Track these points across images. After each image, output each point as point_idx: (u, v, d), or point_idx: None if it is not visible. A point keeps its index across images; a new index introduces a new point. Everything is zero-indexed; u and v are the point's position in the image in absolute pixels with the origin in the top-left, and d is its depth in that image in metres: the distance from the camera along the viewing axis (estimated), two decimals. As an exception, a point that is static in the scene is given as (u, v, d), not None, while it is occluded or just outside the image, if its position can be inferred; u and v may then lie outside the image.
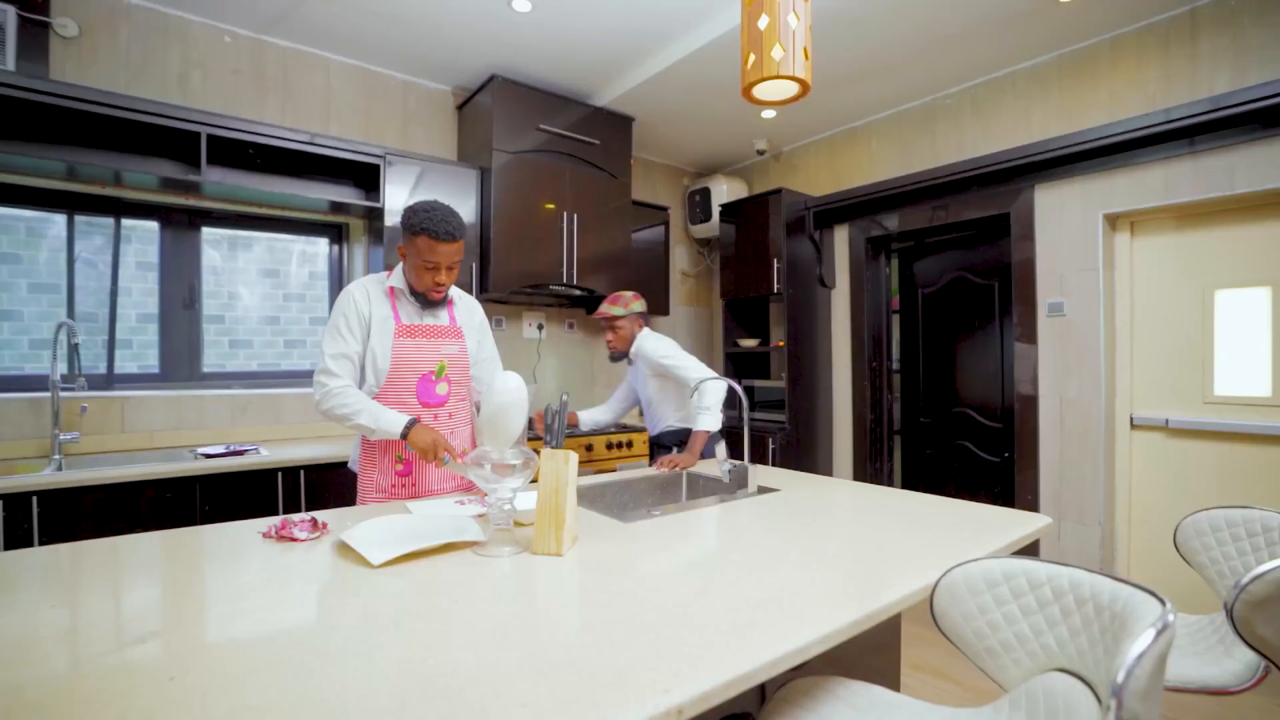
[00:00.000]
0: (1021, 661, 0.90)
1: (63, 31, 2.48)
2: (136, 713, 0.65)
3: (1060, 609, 0.87)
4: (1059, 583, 0.88)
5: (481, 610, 0.93)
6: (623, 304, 2.47)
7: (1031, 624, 0.89)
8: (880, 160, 3.68)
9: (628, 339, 2.49)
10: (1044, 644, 0.88)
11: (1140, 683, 0.61)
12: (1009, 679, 0.92)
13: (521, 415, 1.18)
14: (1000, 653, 0.92)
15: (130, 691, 0.69)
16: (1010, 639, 0.91)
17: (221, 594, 1.00)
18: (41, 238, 2.59)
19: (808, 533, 1.33)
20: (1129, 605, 0.74)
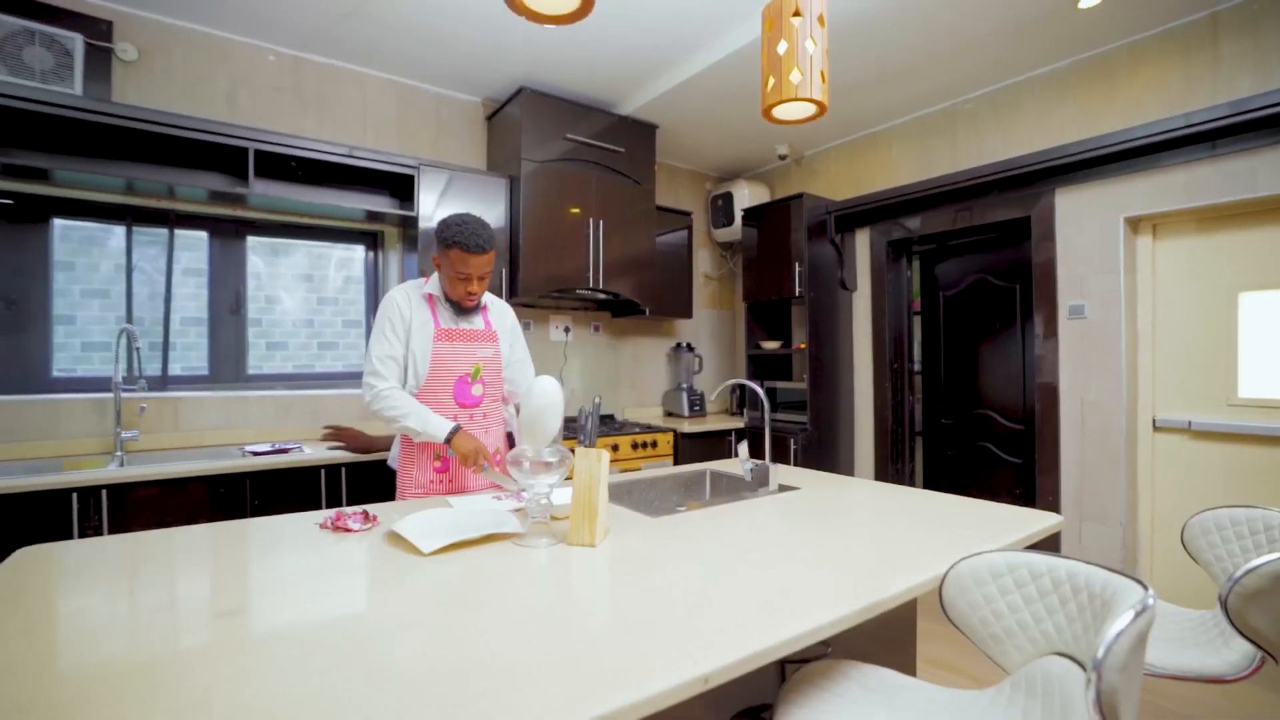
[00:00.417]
0: (1023, 647, 0.97)
1: (123, 56, 2.65)
2: (224, 680, 0.75)
3: (1058, 597, 0.94)
4: (1057, 573, 0.95)
5: (522, 595, 1.02)
6: None
7: (1032, 612, 0.96)
8: (901, 164, 3.72)
9: None
10: (1043, 630, 0.95)
11: (1119, 657, 0.68)
12: (1011, 663, 0.99)
13: (558, 416, 1.28)
14: (1003, 639, 0.99)
15: (220, 659, 0.80)
16: (1013, 626, 0.98)
17: (290, 578, 1.11)
18: (95, 246, 2.76)
19: (826, 528, 1.41)
20: (1116, 591, 0.81)
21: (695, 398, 4.09)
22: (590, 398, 3.79)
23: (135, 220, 2.80)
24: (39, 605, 0.98)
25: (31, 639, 0.85)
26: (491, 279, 3.06)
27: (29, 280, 2.61)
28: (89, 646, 0.83)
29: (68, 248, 2.70)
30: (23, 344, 2.59)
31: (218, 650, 0.82)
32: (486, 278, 1.82)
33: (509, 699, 0.69)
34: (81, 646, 0.83)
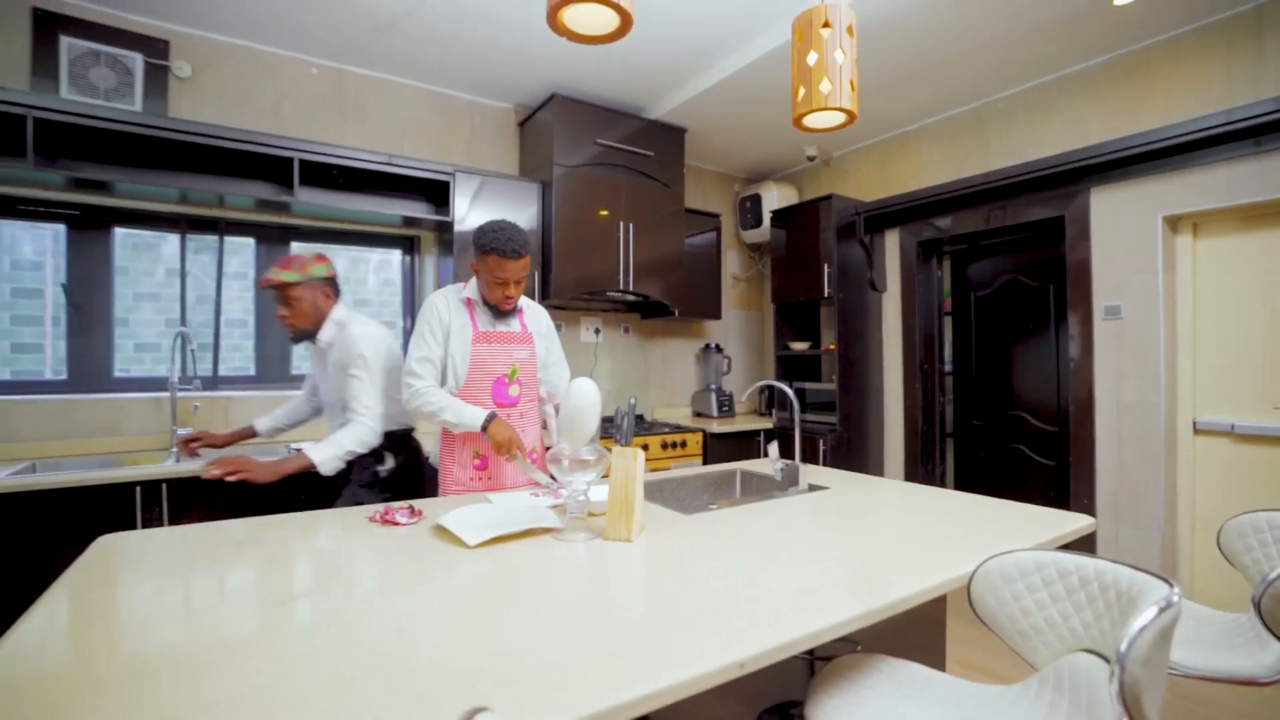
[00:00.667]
0: (1050, 644, 0.99)
1: (179, 73, 2.79)
2: (282, 661, 0.82)
3: (1085, 595, 0.96)
4: (1085, 572, 0.97)
5: (562, 586, 1.08)
6: (297, 268, 1.98)
7: (1060, 609, 0.98)
8: (931, 164, 3.70)
9: (309, 315, 2.01)
10: (1070, 627, 0.97)
11: (1141, 651, 0.71)
12: (1039, 659, 1.01)
13: (595, 417, 1.33)
14: (1031, 635, 1.01)
15: (278, 642, 0.87)
16: (1040, 623, 1.00)
17: (343, 568, 1.18)
18: (151, 253, 2.90)
19: (856, 526, 1.44)
20: (1142, 589, 0.83)
21: (724, 398, 4.12)
22: (621, 398, 3.85)
23: (188, 228, 2.94)
24: (119, 588, 1.06)
25: (113, 618, 0.94)
26: (525, 282, 3.11)
27: (93, 286, 2.76)
28: (161, 627, 0.91)
29: (125, 254, 2.85)
30: (88, 346, 2.74)
31: (275, 634, 0.89)
32: (523, 282, 1.88)
33: (553, 682, 0.75)
34: (153, 627, 0.91)
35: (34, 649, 0.82)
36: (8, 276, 2.64)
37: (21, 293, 2.65)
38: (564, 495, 1.54)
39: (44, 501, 2.03)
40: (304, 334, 2.05)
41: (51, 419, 2.54)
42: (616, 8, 1.06)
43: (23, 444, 2.48)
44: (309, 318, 2.02)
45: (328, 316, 2.05)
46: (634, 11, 1.10)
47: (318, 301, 2.02)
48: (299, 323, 2.02)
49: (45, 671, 0.77)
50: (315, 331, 2.04)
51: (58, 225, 2.71)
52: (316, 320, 2.03)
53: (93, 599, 1.00)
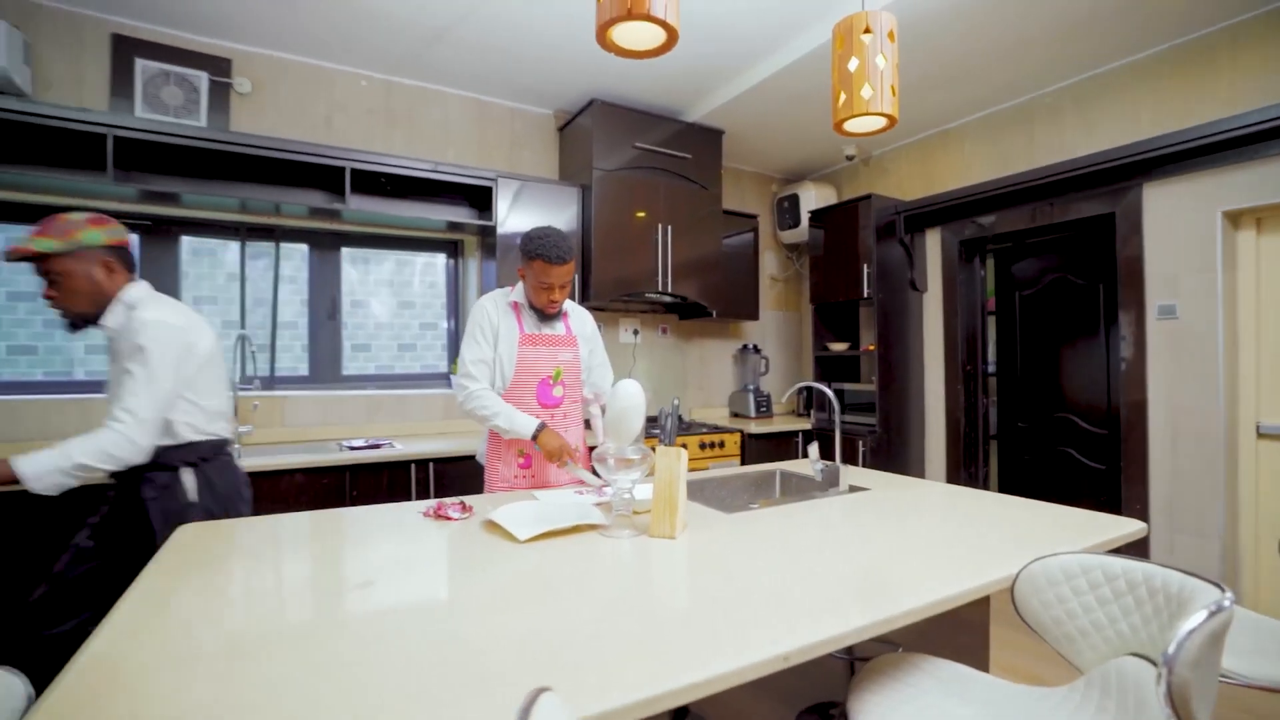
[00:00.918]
0: (1097, 647, 0.99)
1: (240, 89, 2.94)
2: (347, 644, 0.88)
3: (1134, 599, 0.95)
4: (1133, 575, 0.96)
5: (609, 580, 1.12)
6: (57, 233, 1.53)
7: (1106, 613, 0.98)
8: (974, 162, 3.63)
9: (84, 293, 1.58)
10: (1118, 630, 0.97)
11: (1190, 654, 0.71)
12: (1085, 662, 1.01)
13: (640, 417, 1.37)
14: (1077, 638, 1.01)
15: (346, 627, 0.93)
16: (1086, 626, 1.00)
17: (402, 560, 1.25)
18: (211, 259, 3.06)
19: (897, 527, 1.44)
20: (1192, 593, 0.83)
21: (762, 399, 4.12)
22: (659, 399, 3.89)
23: (247, 235, 3.10)
24: (199, 575, 1.15)
25: (195, 601, 1.02)
26: (566, 285, 3.16)
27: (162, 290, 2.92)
28: (237, 611, 0.98)
29: (187, 260, 3.01)
30: (156, 348, 2.91)
31: (344, 619, 0.95)
32: (568, 286, 1.94)
33: (603, 669, 0.79)
34: (230, 610, 0.98)
35: (125, 634, 0.90)
36: (86, 283, 2.82)
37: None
38: (609, 493, 1.58)
39: (122, 493, 2.18)
40: (81, 318, 1.62)
41: (125, 416, 2.71)
42: (663, 24, 1.10)
43: (100, 440, 2.65)
44: (84, 297, 1.58)
45: (115, 297, 1.62)
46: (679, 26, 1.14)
47: (94, 276, 1.58)
48: (71, 304, 1.58)
49: (135, 652, 0.84)
50: (97, 315, 1.62)
51: (132, 235, 2.88)
52: (95, 300, 1.60)
53: (176, 585, 1.09)
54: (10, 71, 2.42)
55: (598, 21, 1.15)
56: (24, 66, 2.53)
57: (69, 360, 2.80)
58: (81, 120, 2.41)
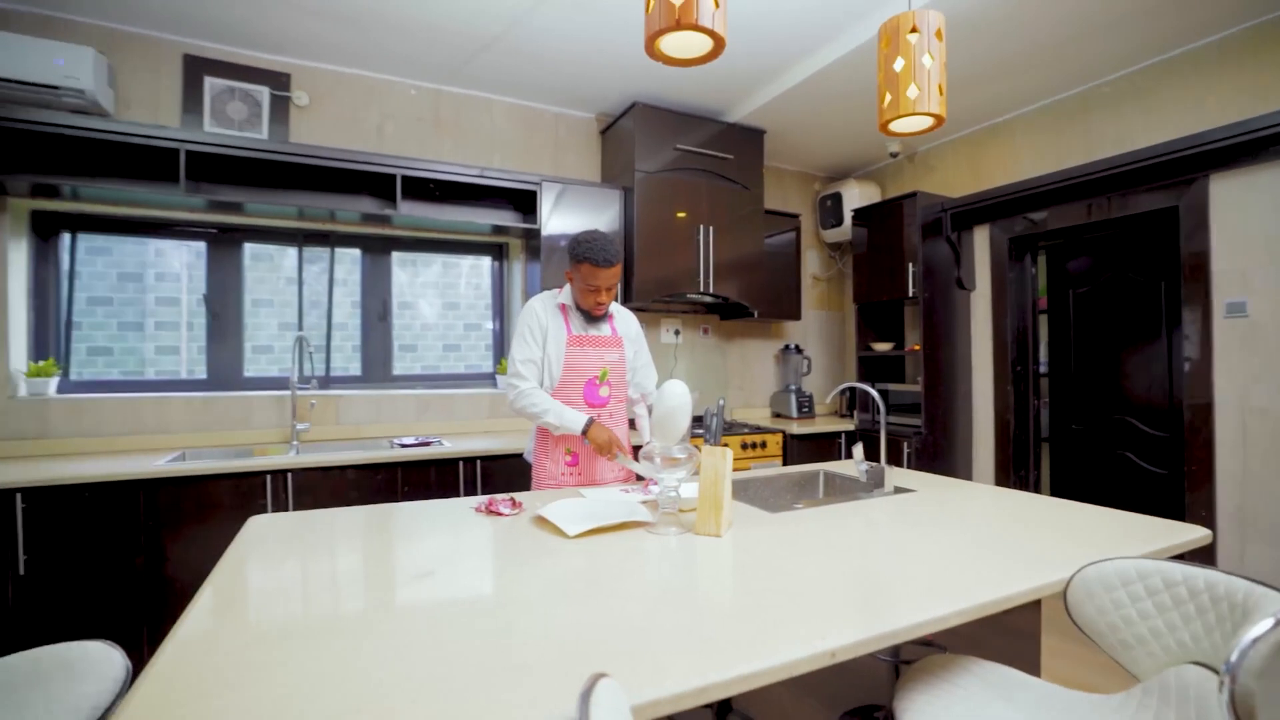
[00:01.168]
0: (1155, 654, 0.97)
1: (298, 102, 3.07)
2: (422, 626, 0.93)
3: (1195, 607, 0.93)
4: (1194, 582, 0.94)
5: (656, 575, 1.15)
6: None
7: (1166, 620, 0.96)
8: (1026, 156, 3.53)
9: None
10: (1178, 639, 0.95)
11: (1255, 663, 0.70)
12: (1143, 670, 0.99)
13: (686, 417, 1.40)
14: (1133, 645, 0.99)
15: (418, 611, 0.98)
16: (1143, 633, 0.98)
17: (457, 552, 1.30)
18: (269, 264, 3.21)
19: (944, 528, 1.43)
20: (1258, 601, 0.81)
21: (804, 399, 4.09)
22: (702, 399, 3.90)
23: (304, 241, 3.24)
24: (271, 563, 1.22)
25: (268, 588, 1.09)
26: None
27: (227, 295, 3.09)
28: (307, 597, 1.05)
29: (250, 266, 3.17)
30: (224, 349, 3.08)
31: (404, 607, 1.00)
32: (614, 289, 1.98)
33: (652, 660, 0.82)
34: (300, 596, 1.05)
35: (212, 613, 0.98)
36: (153, 287, 3.00)
37: (164, 301, 3.01)
38: (655, 491, 1.61)
39: (195, 484, 2.32)
40: None
41: (196, 413, 2.87)
42: (710, 33, 1.12)
43: (175, 435, 2.82)
44: None
45: None
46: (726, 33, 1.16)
47: None
48: None
49: (222, 629, 0.91)
50: None
51: (199, 243, 3.05)
52: None
53: (251, 572, 1.16)
54: (97, 94, 2.60)
55: (646, 32, 1.18)
56: (108, 89, 2.71)
57: (141, 361, 2.98)
58: (158, 136, 2.57)
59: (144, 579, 2.24)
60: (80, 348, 2.87)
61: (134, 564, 2.22)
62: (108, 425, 2.73)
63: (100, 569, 2.19)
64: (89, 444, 2.67)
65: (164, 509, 2.27)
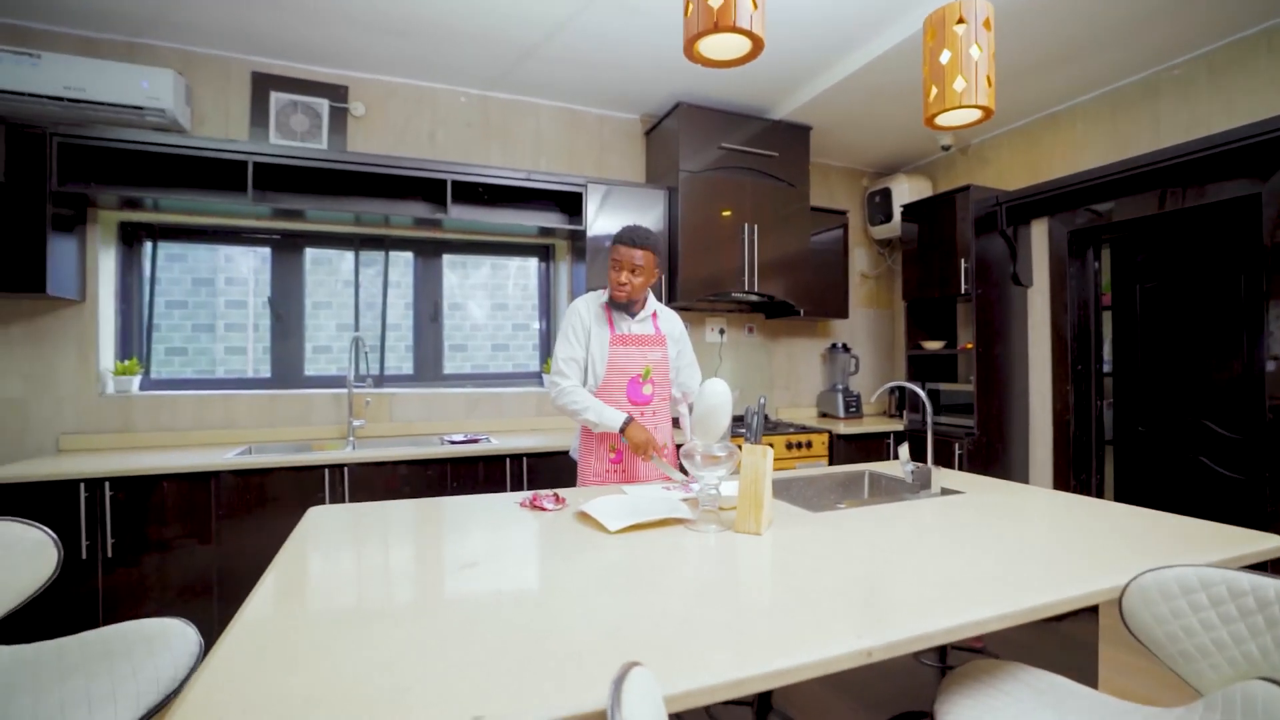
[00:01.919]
0: (1220, 667, 0.93)
1: (355, 112, 3.21)
2: (468, 615, 0.97)
3: (1264, 619, 0.89)
4: (1264, 593, 0.89)
5: (695, 571, 1.16)
6: None
7: (1231, 631, 0.92)
8: (1087, 146, 3.37)
9: None
10: (1245, 651, 0.90)
11: (1321, 675, 0.66)
12: (1206, 684, 0.94)
13: (727, 415, 1.41)
14: (1195, 657, 0.95)
15: (464, 599, 1.02)
16: (1206, 644, 0.94)
17: (503, 545, 1.34)
18: (327, 268, 3.36)
19: (991, 531, 1.39)
20: (1329, 612, 0.76)
21: (851, 399, 4.01)
22: (745, 398, 3.88)
23: (360, 246, 3.38)
24: (329, 551, 1.29)
25: (325, 575, 1.15)
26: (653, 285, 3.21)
27: (289, 298, 3.25)
28: (363, 584, 1.10)
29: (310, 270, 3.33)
30: (287, 349, 3.24)
31: (452, 595, 1.05)
32: (639, 274, 1.98)
33: (689, 653, 0.83)
34: (357, 583, 1.11)
35: (274, 597, 1.04)
36: (223, 291, 3.18)
37: (233, 304, 3.19)
38: (695, 489, 1.63)
39: (260, 476, 2.45)
40: None
41: (261, 410, 3.04)
42: (748, 34, 1.12)
43: (242, 430, 2.99)
44: None
45: None
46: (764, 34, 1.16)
47: None
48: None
49: (282, 613, 0.97)
50: None
51: (264, 249, 3.23)
52: None
53: (310, 560, 1.23)
54: (176, 113, 2.78)
55: (685, 35, 1.20)
56: (185, 107, 2.89)
57: (212, 361, 3.17)
58: (229, 150, 2.73)
59: (214, 562, 2.38)
60: (159, 348, 3.07)
61: (206, 548, 2.37)
62: (182, 420, 2.91)
63: (177, 553, 2.34)
64: (166, 438, 2.86)
65: (233, 499, 2.42)
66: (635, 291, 2.02)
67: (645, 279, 2.02)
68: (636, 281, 2.00)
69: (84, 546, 2.22)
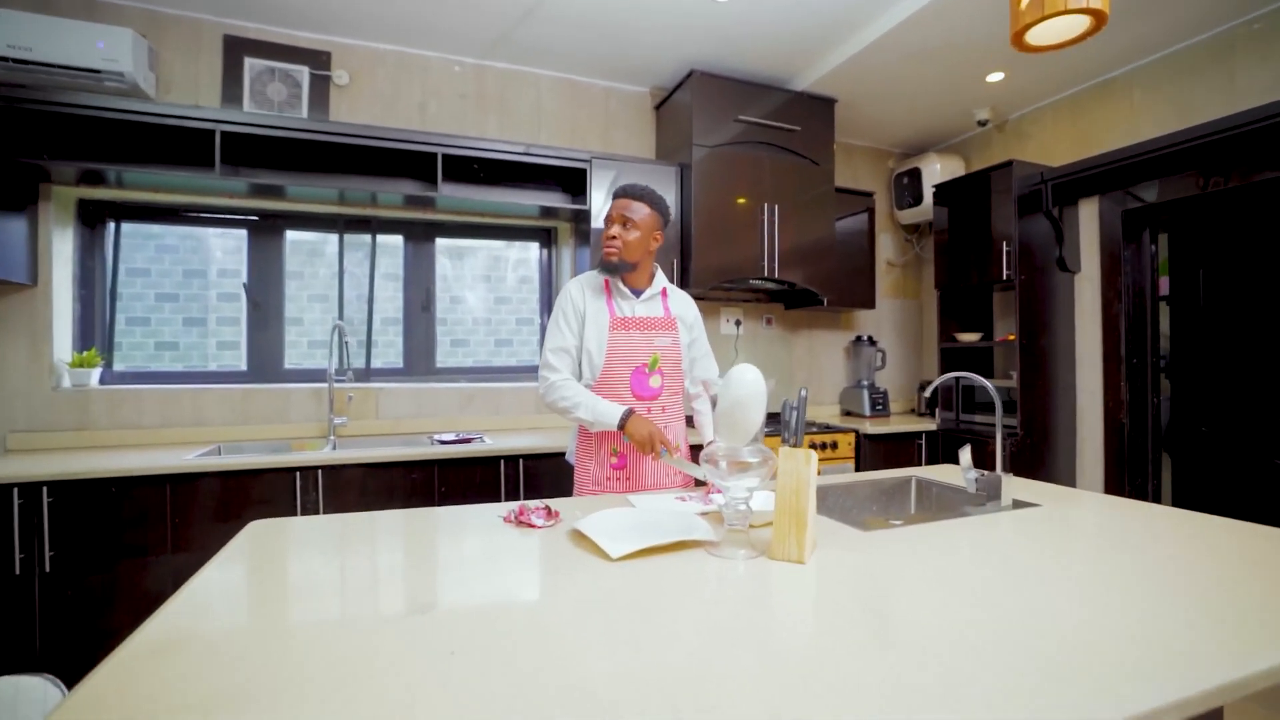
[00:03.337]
0: None
1: (339, 81, 2.94)
2: (416, 684, 0.68)
3: None
4: None
5: (717, 607, 0.88)
6: None
7: None
8: (1144, 115, 3.05)
9: None
10: None
11: None
12: None
13: (759, 410, 1.11)
14: None
15: (413, 658, 0.73)
16: None
17: (478, 573, 1.06)
18: (317, 255, 3.10)
19: (1103, 561, 1.09)
20: None
21: (878, 396, 3.70)
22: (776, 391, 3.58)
23: (345, 228, 3.11)
24: (263, 570, 1.01)
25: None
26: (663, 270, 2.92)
27: (268, 285, 2.99)
28: (266, 638, 0.82)
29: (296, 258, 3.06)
30: (265, 340, 2.97)
31: (392, 654, 0.76)
32: (632, 228, 1.69)
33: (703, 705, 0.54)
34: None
35: (146, 656, 0.76)
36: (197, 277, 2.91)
37: (206, 291, 2.92)
38: (718, 501, 1.34)
39: (222, 480, 2.18)
40: None
41: (234, 406, 2.77)
42: (1091, 12, 0.87)
43: (212, 428, 2.72)
44: None
45: None
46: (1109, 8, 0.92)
47: None
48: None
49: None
50: None
51: (240, 230, 2.96)
52: None
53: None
54: (137, 77, 2.51)
55: (1013, 28, 0.93)
56: (149, 72, 2.63)
57: (204, 356, 2.92)
58: (193, 118, 2.46)
59: (168, 576, 2.11)
60: (122, 341, 2.81)
61: (159, 560, 2.11)
62: (147, 417, 2.65)
63: (127, 566, 2.07)
64: (127, 436, 2.60)
65: (191, 506, 2.15)
66: (629, 250, 1.71)
67: (642, 238, 1.71)
68: (630, 237, 1.70)
69: (17, 560, 1.96)
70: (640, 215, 1.69)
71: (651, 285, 1.81)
